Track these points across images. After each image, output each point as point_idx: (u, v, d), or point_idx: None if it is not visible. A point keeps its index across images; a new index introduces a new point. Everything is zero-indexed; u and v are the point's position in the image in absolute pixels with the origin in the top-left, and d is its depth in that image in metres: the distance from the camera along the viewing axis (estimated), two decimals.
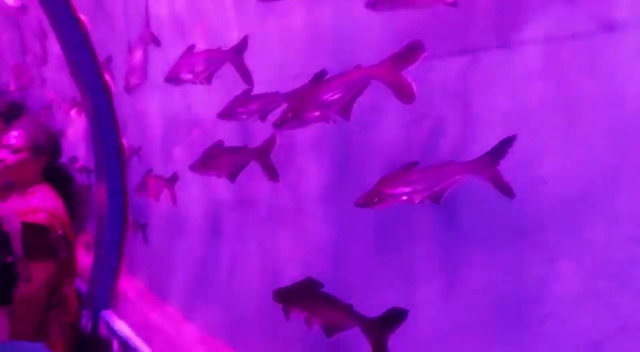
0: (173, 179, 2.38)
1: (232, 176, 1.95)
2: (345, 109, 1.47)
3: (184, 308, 2.22)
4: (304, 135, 1.67)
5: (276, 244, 1.81)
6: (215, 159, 2.03)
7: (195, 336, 2.08)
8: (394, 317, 1.30)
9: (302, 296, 1.60)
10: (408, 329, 1.25)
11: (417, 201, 1.33)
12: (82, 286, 2.87)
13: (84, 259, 3.00)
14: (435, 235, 1.34)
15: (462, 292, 1.28)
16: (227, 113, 1.73)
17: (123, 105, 2.69)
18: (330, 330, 1.49)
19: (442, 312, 1.32)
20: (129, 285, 2.65)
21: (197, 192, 2.17)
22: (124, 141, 2.70)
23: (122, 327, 2.51)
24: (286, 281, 1.66)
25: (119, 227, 2.71)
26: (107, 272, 2.71)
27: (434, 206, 1.25)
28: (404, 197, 1.37)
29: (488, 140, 1.12)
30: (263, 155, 1.85)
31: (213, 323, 2.03)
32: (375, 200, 1.44)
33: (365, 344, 1.39)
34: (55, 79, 3.64)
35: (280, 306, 1.65)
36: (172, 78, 1.86)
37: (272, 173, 1.86)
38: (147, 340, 2.34)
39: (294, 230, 1.77)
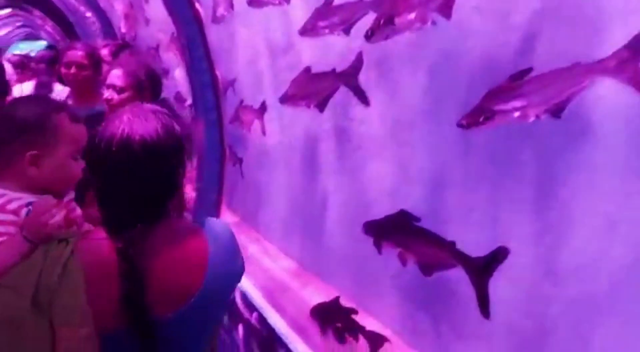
0: (262, 109, 2.27)
1: (321, 106, 1.80)
2: (446, 5, 1.22)
3: (279, 242, 2.16)
4: (397, 46, 1.45)
5: (368, 174, 1.65)
6: (302, 88, 1.88)
7: (290, 270, 2.02)
8: (498, 258, 1.10)
9: (396, 230, 1.44)
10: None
11: (531, 118, 1.09)
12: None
13: (190, 193, 3.05)
14: (555, 161, 1.08)
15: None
16: (308, 28, 1.55)
17: (215, 36, 2.60)
18: (427, 268, 1.33)
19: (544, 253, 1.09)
20: (229, 219, 2.65)
21: (288, 123, 2.05)
22: (218, 73, 2.63)
23: None
24: (378, 213, 1.51)
25: (218, 160, 2.69)
26: (208, 205, 2.73)
27: (553, 121, 1.00)
28: (516, 114, 1.12)
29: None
30: (350, 77, 1.66)
31: (306, 257, 1.94)
32: (481, 119, 1.21)
33: (464, 285, 1.21)
34: (159, 17, 3.65)
35: (372, 240, 1.51)
36: (308, 30, 1.69)
37: (362, 97, 1.67)
38: (247, 273, 2.34)
39: (386, 159, 1.59)
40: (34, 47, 7.65)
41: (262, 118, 2.22)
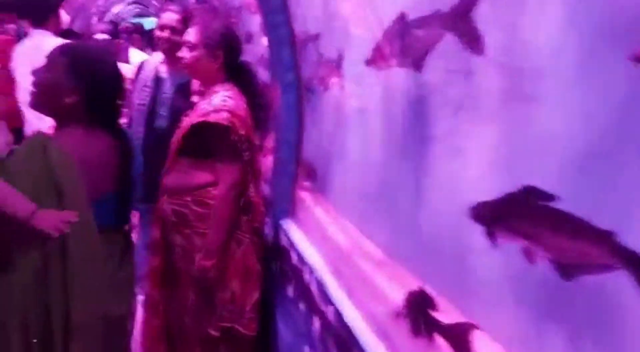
0: (339, 64, 1.91)
1: (419, 63, 1.40)
2: None
3: (360, 223, 1.81)
4: None
5: (475, 142, 1.25)
6: (395, 42, 1.49)
7: (374, 257, 1.67)
8: None
9: (519, 214, 1.04)
10: None
11: None
12: (265, 189, 2.65)
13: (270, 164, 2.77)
14: None
15: None
16: None
17: None
18: (569, 269, 0.92)
19: None
20: (307, 193, 2.34)
21: (371, 83, 1.68)
22: (295, 27, 2.30)
23: (299, 237, 2.24)
24: (490, 193, 1.12)
25: (295, 127, 2.38)
26: (285, 177, 2.44)
27: None
28: None
29: None
30: (461, 19, 1.26)
31: (394, 246, 1.58)
32: None
33: (627, 294, 0.81)
34: None
35: (483, 228, 1.12)
36: None
37: (475, 43, 1.26)
38: (325, 256, 2.02)
39: (503, 121, 1.18)
40: (146, 23, 7.79)
41: (341, 75, 1.86)
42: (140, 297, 2.92)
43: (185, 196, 2.30)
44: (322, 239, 2.04)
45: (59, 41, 2.55)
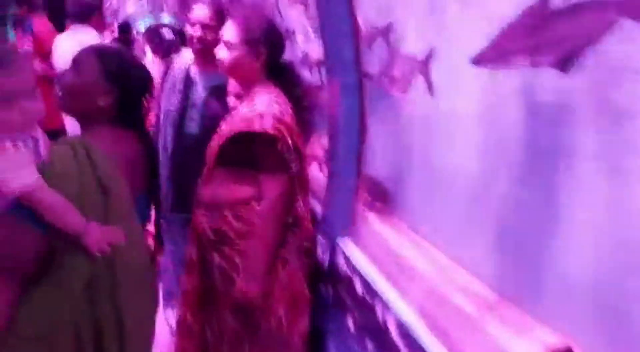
0: (428, 61, 1.60)
1: (567, 61, 1.10)
2: None
3: (459, 253, 1.50)
4: None
5: None
6: (529, 35, 1.19)
7: (478, 295, 1.36)
8: None
9: None
10: None
11: None
12: (317, 206, 2.36)
13: (317, 175, 2.48)
14: None
15: None
16: None
17: None
18: None
19: None
20: (371, 210, 2.03)
21: (482, 88, 1.38)
22: (360, 19, 2.00)
23: (363, 261, 1.93)
24: None
25: (355, 135, 2.08)
26: (343, 191, 2.13)
27: None
28: None
29: None
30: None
31: (511, 283, 1.27)
32: None
33: None
34: None
35: None
36: None
37: None
38: (397, 283, 1.72)
39: None
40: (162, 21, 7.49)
41: (428, 73, 1.56)
42: (172, 320, 2.65)
43: (224, 210, 2.07)
44: (395, 266, 1.73)
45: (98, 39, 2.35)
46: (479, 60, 1.33)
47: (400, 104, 1.80)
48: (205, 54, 2.48)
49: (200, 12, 2.59)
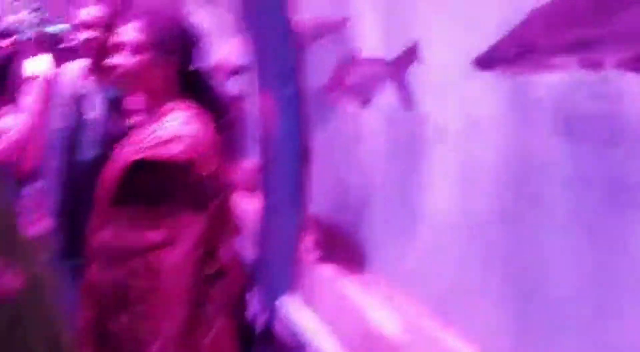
0: (403, 63, 1.19)
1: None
2: None
3: (444, 311, 1.11)
4: None
5: None
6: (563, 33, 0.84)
7: None
8: None
9: None
10: None
11: None
12: (247, 250, 1.93)
13: (246, 208, 2.07)
14: None
15: None
16: None
17: None
18: None
19: None
20: (320, 258, 1.61)
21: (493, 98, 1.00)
22: (300, 14, 1.57)
23: (316, 328, 1.50)
24: None
25: (295, 160, 1.65)
26: (282, 233, 1.69)
27: None
28: None
29: None
30: None
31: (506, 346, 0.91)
32: None
33: None
34: None
35: None
36: None
37: None
38: None
39: None
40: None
41: (403, 80, 1.16)
42: None
43: (127, 262, 1.70)
44: (362, 337, 1.31)
45: None
46: (488, 61, 0.94)
47: (358, 121, 1.39)
48: (99, 61, 2.14)
49: (91, 11, 2.25)
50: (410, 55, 1.18)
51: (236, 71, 2.35)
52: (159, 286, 1.65)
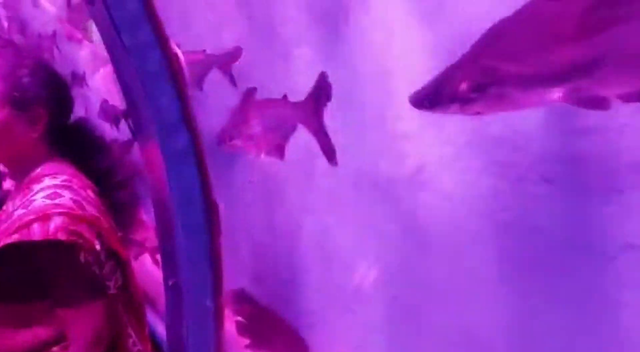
0: (315, 101, 0.90)
1: None
2: None
3: None
4: None
5: None
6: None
7: None
8: None
9: None
10: None
11: None
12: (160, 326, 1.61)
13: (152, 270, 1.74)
14: None
15: None
16: None
17: None
18: None
19: None
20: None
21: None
22: (175, 48, 1.25)
23: None
24: None
25: (201, 225, 1.33)
26: (195, 317, 1.35)
27: None
28: None
29: None
30: None
31: None
32: None
33: None
34: None
35: None
36: None
37: None
38: None
39: None
40: None
41: (320, 126, 0.88)
42: None
43: None
44: None
45: None
46: (433, 99, 0.67)
47: (271, 173, 1.09)
48: None
49: None
50: (320, 92, 0.90)
51: (123, 114, 2.00)
52: None
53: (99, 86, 2.04)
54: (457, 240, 0.93)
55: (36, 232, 1.29)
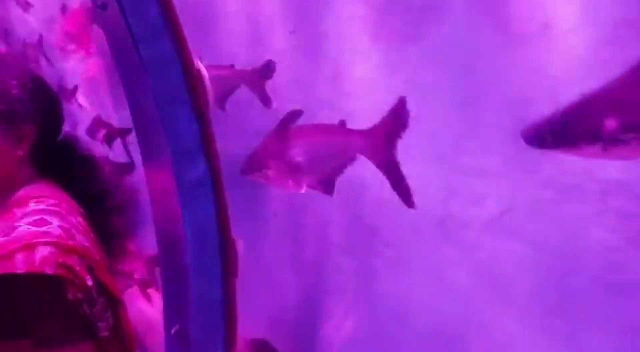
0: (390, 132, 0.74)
1: None
2: None
3: None
4: None
5: None
6: None
7: None
8: None
9: None
10: None
11: None
12: None
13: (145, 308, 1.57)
14: None
15: None
16: None
17: None
18: None
19: None
20: None
21: None
22: (198, 63, 1.09)
23: None
24: None
25: (216, 267, 1.15)
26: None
27: None
28: None
29: None
30: None
31: None
32: None
33: None
34: None
35: None
36: None
37: None
38: None
39: None
40: None
41: (393, 159, 0.72)
42: None
43: None
44: None
45: None
46: (551, 136, 0.53)
47: (307, 205, 0.93)
48: None
49: None
50: (396, 120, 0.74)
51: (118, 133, 1.80)
52: None
53: (92, 101, 1.86)
54: (546, 299, 0.78)
55: (19, 264, 1.11)
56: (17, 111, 1.25)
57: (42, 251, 1.18)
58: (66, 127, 1.65)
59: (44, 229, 1.19)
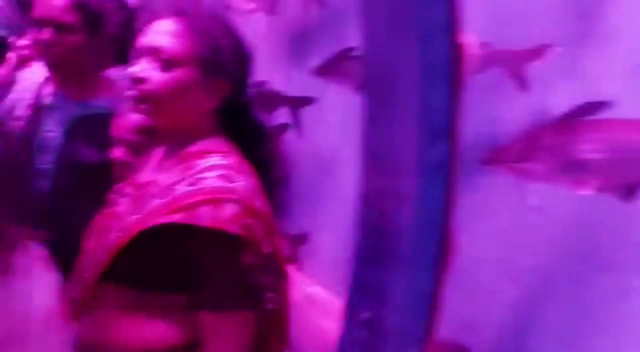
0: None
1: None
2: None
3: None
4: None
5: None
6: None
7: None
8: None
9: None
10: None
11: None
12: None
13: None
14: None
15: None
16: None
17: None
18: None
19: None
20: None
21: None
22: (465, 36, 1.00)
23: None
24: None
25: (430, 258, 1.06)
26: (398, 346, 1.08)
27: None
28: None
29: None
30: None
31: None
32: None
33: None
34: None
35: None
36: None
37: None
38: None
39: None
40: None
41: None
42: None
43: None
44: None
45: None
46: None
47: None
48: (65, 67, 1.80)
49: (50, 3, 1.78)
50: None
51: (291, 103, 1.76)
52: None
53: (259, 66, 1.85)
54: None
55: (204, 217, 1.10)
56: (220, 62, 1.23)
57: (230, 208, 1.14)
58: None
59: (232, 185, 1.16)
